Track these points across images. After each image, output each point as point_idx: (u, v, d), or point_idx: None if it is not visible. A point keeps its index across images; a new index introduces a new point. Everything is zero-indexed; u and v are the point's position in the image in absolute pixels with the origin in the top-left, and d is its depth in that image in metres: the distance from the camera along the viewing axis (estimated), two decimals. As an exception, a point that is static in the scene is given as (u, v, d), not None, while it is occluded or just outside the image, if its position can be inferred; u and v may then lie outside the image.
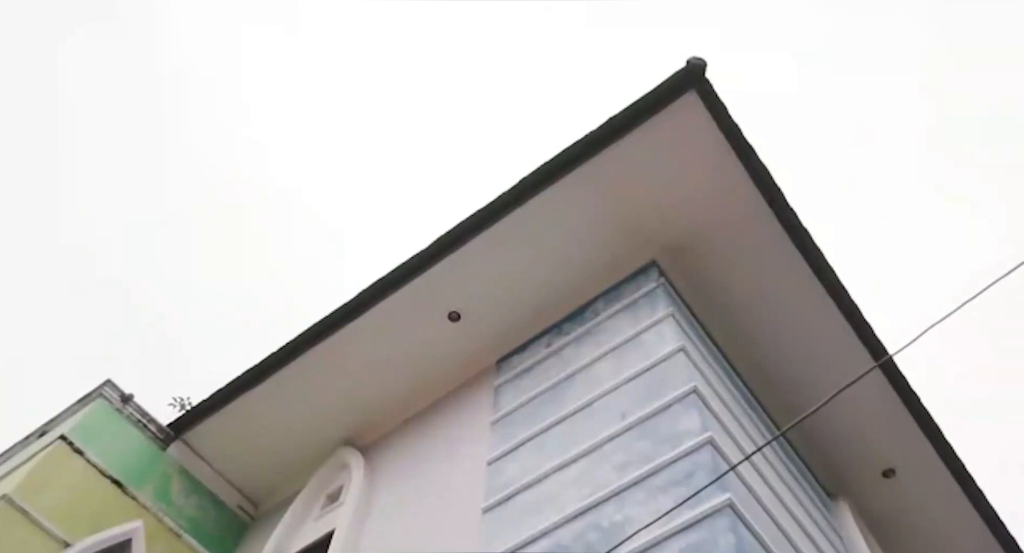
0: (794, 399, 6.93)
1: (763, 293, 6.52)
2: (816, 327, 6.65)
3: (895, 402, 6.93)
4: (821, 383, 6.87)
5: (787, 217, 6.27)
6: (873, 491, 7.37)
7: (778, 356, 6.75)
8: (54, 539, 5.81)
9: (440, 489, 5.66)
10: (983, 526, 7.52)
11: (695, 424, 4.44)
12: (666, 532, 3.88)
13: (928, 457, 7.21)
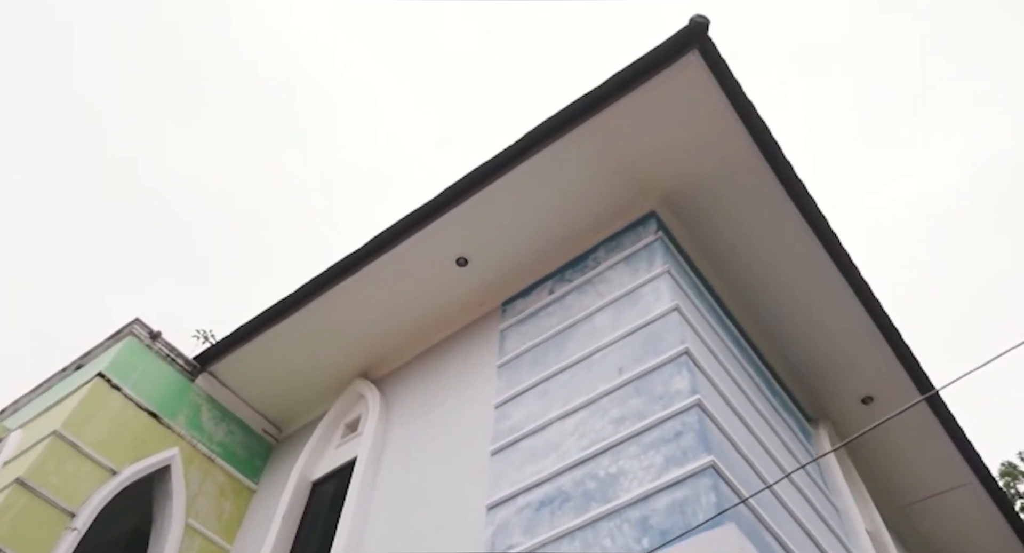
0: (787, 344, 7.40)
1: (759, 242, 6.82)
2: (807, 272, 6.99)
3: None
4: (811, 324, 7.32)
5: (783, 170, 6.48)
6: (852, 417, 7.94)
7: (772, 302, 7.13)
8: (103, 468, 6.40)
9: (451, 429, 6.17)
10: (954, 450, 8.16)
11: (685, 385, 4.87)
12: (655, 487, 4.38)
13: (904, 386, 7.72)
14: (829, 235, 6.86)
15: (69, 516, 5.97)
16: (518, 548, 4.65)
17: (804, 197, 6.66)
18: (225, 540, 6.95)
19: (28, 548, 5.60)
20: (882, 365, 7.58)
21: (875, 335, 7.40)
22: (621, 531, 4.29)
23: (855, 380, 7.71)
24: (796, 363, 7.61)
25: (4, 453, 6.56)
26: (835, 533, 5.90)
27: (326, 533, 6.32)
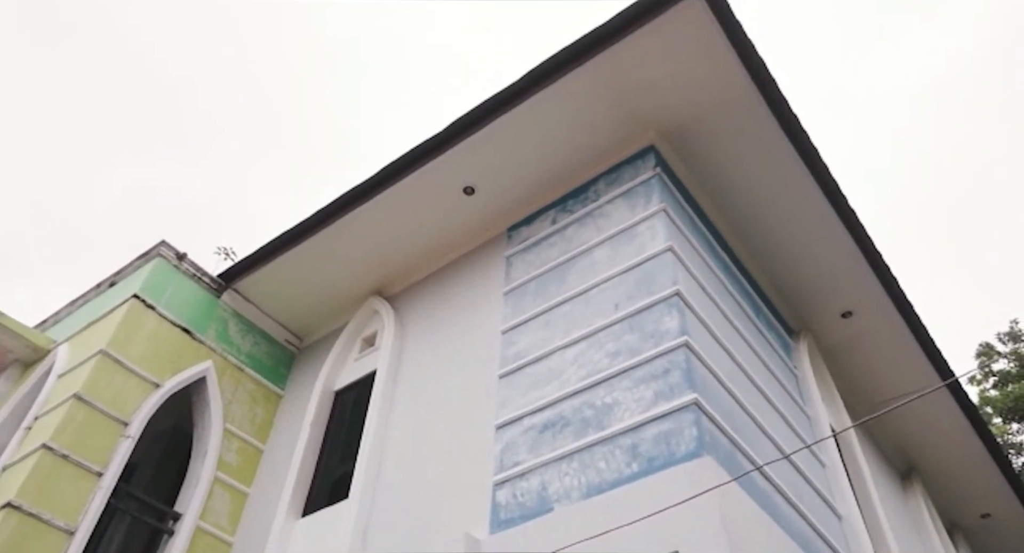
0: (775, 265, 7.89)
1: (753, 174, 7.18)
2: (798, 201, 7.38)
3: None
4: (798, 247, 7.79)
5: (779, 107, 6.74)
6: (832, 329, 8.58)
7: (763, 228, 7.56)
8: (147, 382, 7.06)
9: (462, 352, 6.77)
10: (926, 361, 8.85)
11: (674, 325, 5.40)
12: (644, 418, 5.00)
13: (882, 301, 8.30)
14: (820, 167, 7.20)
15: (123, 425, 6.69)
16: (523, 465, 5.34)
17: (798, 133, 6.94)
18: (259, 441, 7.73)
19: (91, 455, 6.34)
20: (862, 283, 8.11)
21: (857, 256, 7.88)
22: (613, 456, 4.96)
23: (836, 296, 8.27)
24: (782, 282, 8.14)
25: (57, 366, 7.20)
26: (806, 443, 6.63)
27: (350, 439, 7.08)
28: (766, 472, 5.31)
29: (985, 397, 22.10)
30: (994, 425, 21.73)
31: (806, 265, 8.00)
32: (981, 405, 21.78)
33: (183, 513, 6.76)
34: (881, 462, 9.39)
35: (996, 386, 22.62)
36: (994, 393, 22.14)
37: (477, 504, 5.36)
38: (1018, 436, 22.08)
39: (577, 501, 4.85)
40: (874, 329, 8.58)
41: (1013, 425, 21.87)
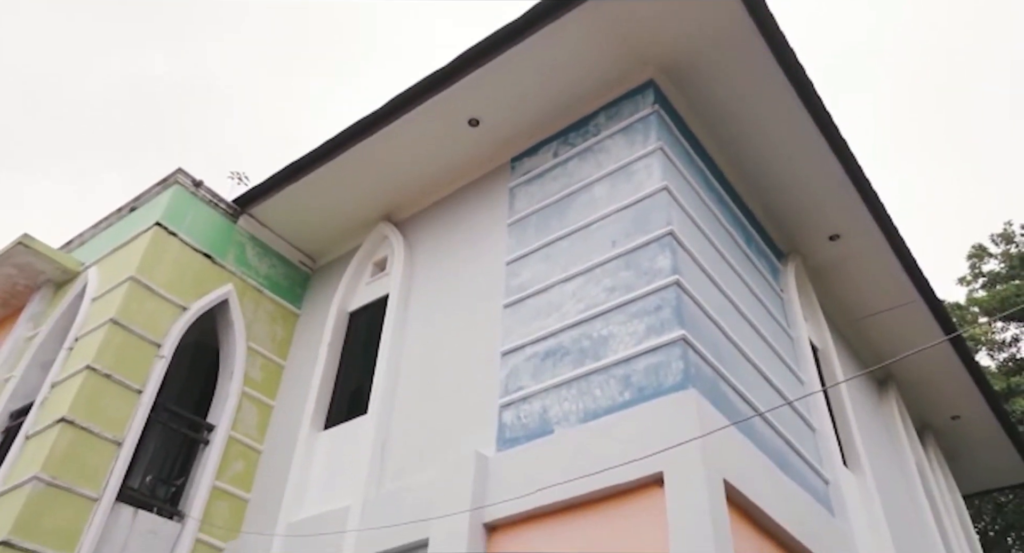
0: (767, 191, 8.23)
1: (749, 106, 7.41)
2: (792, 131, 7.64)
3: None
4: (789, 174, 8.10)
5: (775, 40, 6.89)
6: (819, 251, 9.02)
7: (758, 156, 7.85)
8: (175, 305, 7.57)
9: (469, 281, 7.22)
10: (907, 279, 9.34)
11: (667, 264, 5.83)
12: (637, 351, 5.52)
13: (868, 225, 8.69)
14: (814, 100, 7.42)
15: (156, 346, 7.24)
16: (526, 390, 5.91)
17: (794, 66, 7.12)
18: (280, 358, 8.33)
19: (131, 374, 6.92)
20: (850, 208, 8.48)
21: (846, 183, 8.22)
22: (608, 384, 5.51)
23: (825, 221, 8.66)
24: (774, 208, 8.50)
25: (89, 290, 7.69)
26: (788, 365, 7.21)
27: (365, 358, 7.65)
28: (746, 395, 5.89)
29: (973, 298, 22.81)
30: (979, 325, 22.55)
31: (797, 191, 8.33)
32: (968, 306, 22.51)
33: (216, 425, 7.43)
34: (859, 369, 10.04)
35: (985, 287, 23.29)
36: (982, 294, 22.83)
37: (485, 424, 5.97)
38: (1002, 333, 22.95)
39: (575, 425, 5.44)
40: (859, 251, 9.02)
41: (998, 324, 22.69)
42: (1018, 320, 22.08)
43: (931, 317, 9.95)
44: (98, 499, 6.26)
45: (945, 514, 10.32)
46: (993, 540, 18.98)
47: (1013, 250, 23.32)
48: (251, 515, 7.17)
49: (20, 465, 6.31)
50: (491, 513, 5.29)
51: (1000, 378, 19.88)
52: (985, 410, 11.55)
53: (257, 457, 7.59)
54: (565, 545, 4.91)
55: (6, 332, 8.51)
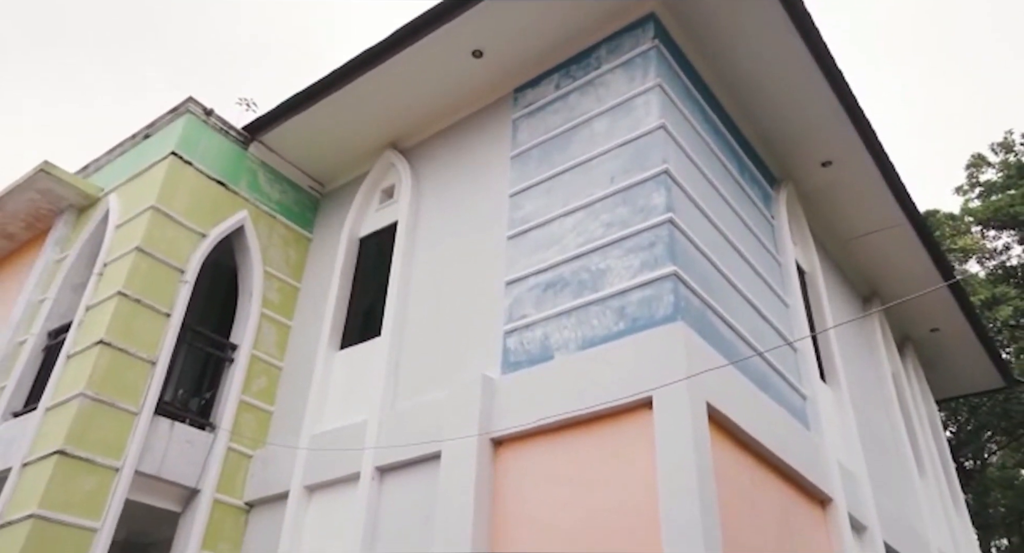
0: (763, 119, 8.47)
1: (748, 35, 7.54)
2: (788, 62, 7.82)
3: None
4: (785, 103, 8.32)
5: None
6: (811, 177, 9.35)
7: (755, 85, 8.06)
8: (194, 232, 7.96)
9: (474, 212, 7.57)
10: (894, 203, 9.69)
11: (661, 202, 6.19)
12: (631, 285, 5.97)
13: (859, 152, 8.98)
14: (811, 31, 7.57)
15: (180, 272, 7.69)
16: (529, 318, 6.40)
17: (796, 5, 7.24)
18: (295, 280, 8.79)
19: (159, 298, 7.39)
20: (842, 135, 8.75)
21: (839, 111, 8.45)
22: (604, 315, 5.99)
23: (818, 147, 8.95)
24: (769, 135, 8.76)
25: (112, 217, 8.07)
26: (775, 291, 7.67)
27: (377, 283, 8.11)
28: (732, 324, 6.38)
29: (967, 208, 23.15)
30: (971, 234, 22.98)
31: (792, 119, 8.58)
32: (962, 216, 22.87)
33: (239, 344, 7.97)
34: (845, 288, 10.56)
35: (981, 196, 23.56)
36: (977, 203, 23.16)
37: (490, 349, 6.49)
38: (993, 242, 23.43)
39: (573, 351, 5.96)
40: (850, 176, 9.34)
41: (990, 232, 23.12)
42: (1010, 229, 22.46)
43: (916, 238, 10.38)
44: (138, 413, 6.87)
45: (917, 421, 11.08)
46: (966, 439, 20.12)
47: (1012, 159, 23.41)
48: (276, 426, 7.83)
49: (65, 382, 6.88)
50: (497, 430, 5.88)
51: (987, 286, 20.47)
52: (963, 323, 12.16)
53: (278, 373, 8.17)
54: (564, 459, 5.52)
55: (35, 254, 8.94)
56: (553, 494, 5.45)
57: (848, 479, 7.37)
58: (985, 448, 20.83)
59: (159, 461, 6.89)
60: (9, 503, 6.28)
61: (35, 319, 8.13)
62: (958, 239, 22.28)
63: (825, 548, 6.62)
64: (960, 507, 11.92)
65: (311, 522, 6.82)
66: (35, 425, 6.72)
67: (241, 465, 7.47)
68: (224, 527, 7.10)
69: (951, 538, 10.42)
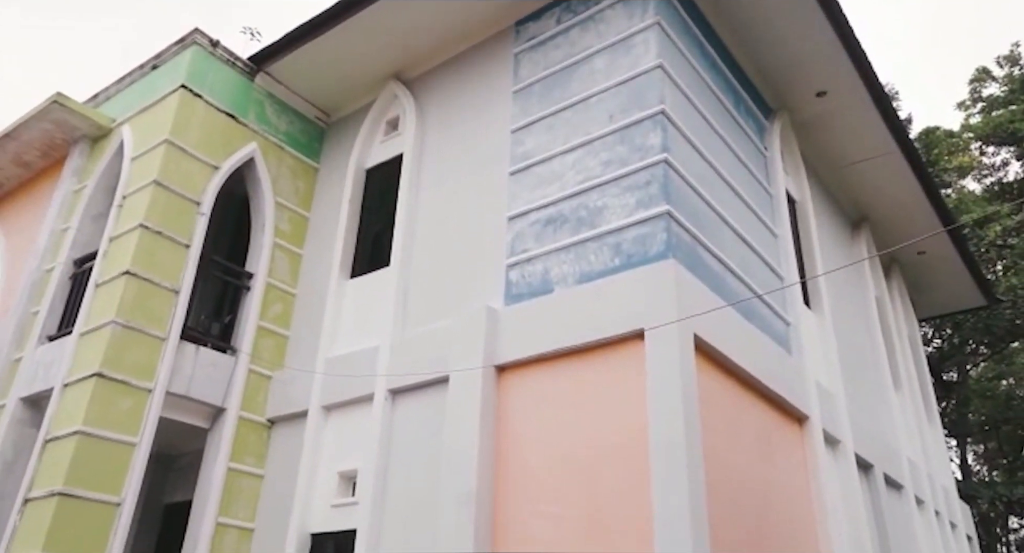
0: (761, 52, 8.60)
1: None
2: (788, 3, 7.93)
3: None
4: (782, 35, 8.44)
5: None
6: (806, 107, 9.56)
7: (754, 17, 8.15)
8: (207, 165, 8.25)
9: (477, 147, 7.83)
10: (887, 131, 9.92)
11: (657, 142, 6.48)
12: (627, 222, 6.33)
13: (853, 82, 9.16)
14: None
15: (196, 204, 8.03)
16: (530, 252, 6.80)
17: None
18: (304, 210, 9.14)
19: (178, 230, 7.75)
20: (837, 66, 8.91)
21: (835, 42, 8.59)
22: (601, 251, 6.39)
23: (813, 78, 9.12)
24: (765, 65, 8.92)
25: (127, 149, 8.34)
26: (765, 223, 8.04)
27: (384, 214, 8.46)
28: (720, 257, 6.79)
29: (967, 124, 23.17)
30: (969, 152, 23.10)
31: (788, 50, 8.72)
32: (962, 132, 22.93)
33: (255, 273, 8.40)
34: (834, 214, 10.91)
35: (983, 111, 23.53)
36: (978, 119, 23.16)
37: (494, 281, 6.92)
38: (992, 158, 23.59)
39: (572, 285, 6.39)
40: (844, 106, 9.55)
41: (990, 148, 23.24)
42: (1009, 145, 22.55)
43: (907, 166, 10.67)
44: (165, 338, 7.36)
45: (897, 340, 11.65)
46: (949, 353, 20.90)
47: (1017, 72, 23.20)
48: (292, 350, 8.35)
49: (96, 310, 7.33)
50: (501, 357, 6.38)
51: (980, 203, 20.77)
52: (948, 247, 12.58)
53: (292, 300, 8.64)
54: (562, 384, 6.04)
55: (52, 183, 9.24)
56: (552, 415, 6.00)
57: (825, 398, 7.95)
58: (968, 361, 21.63)
59: (187, 382, 7.44)
60: (55, 420, 6.86)
61: (60, 248, 8.52)
62: (954, 157, 22.42)
63: (801, 462, 7.26)
64: (933, 419, 12.68)
65: (329, 438, 7.43)
66: (71, 349, 7.22)
67: (262, 385, 8.03)
68: (249, 442, 7.72)
69: (922, 448, 11.17)
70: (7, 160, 9.60)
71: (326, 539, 6.97)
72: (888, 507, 8.76)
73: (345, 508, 6.91)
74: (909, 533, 9.31)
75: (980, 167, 23.37)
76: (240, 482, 7.51)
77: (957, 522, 11.49)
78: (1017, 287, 17.61)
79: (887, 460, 9.31)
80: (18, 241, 9.34)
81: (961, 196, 21.63)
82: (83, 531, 6.34)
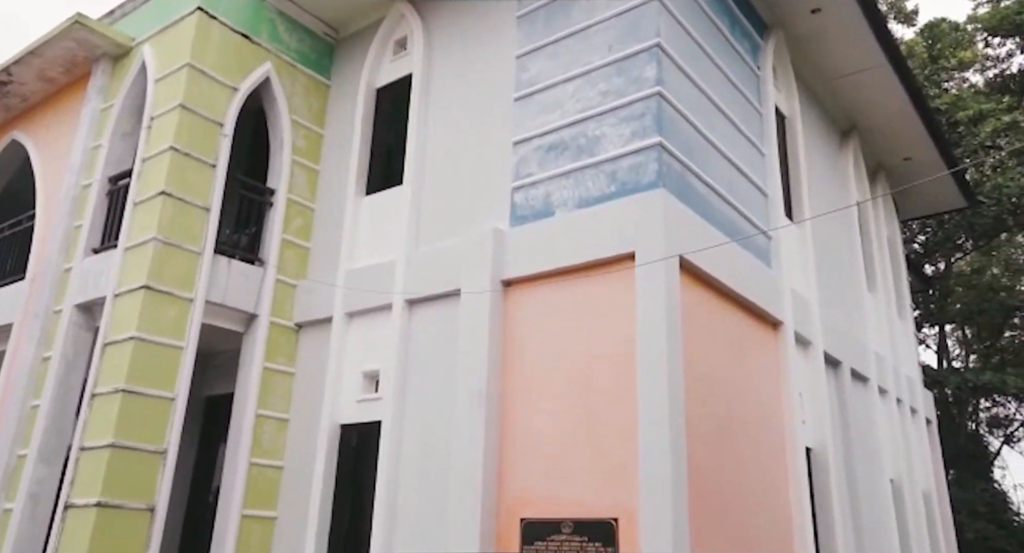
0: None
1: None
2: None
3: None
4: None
5: None
6: (801, 23, 9.87)
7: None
8: (226, 86, 8.70)
9: (483, 71, 8.25)
10: (878, 47, 10.26)
11: (652, 75, 6.97)
12: (623, 152, 6.93)
13: (848, 0, 9.47)
14: None
15: (219, 126, 8.56)
16: (534, 177, 7.42)
17: None
18: (318, 127, 9.64)
19: (204, 151, 8.32)
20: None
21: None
22: (598, 178, 7.02)
23: (808, -6, 9.40)
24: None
25: (150, 70, 8.77)
26: (754, 144, 8.58)
27: (394, 134, 8.98)
28: (709, 183, 7.42)
29: (974, 15, 22.99)
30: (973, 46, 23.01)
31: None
32: (968, 23, 22.80)
33: (276, 189, 9.03)
34: (824, 124, 11.39)
35: (991, 2, 23.28)
36: (985, 10, 22.97)
37: (500, 203, 7.57)
38: (998, 49, 23.53)
39: (571, 209, 7.06)
40: (838, 22, 9.85)
41: (995, 39, 23.15)
42: (1015, 37, 22.45)
43: (897, 79, 11.05)
44: (200, 253, 8.10)
45: (876, 242, 12.36)
46: (933, 249, 21.72)
47: (1030, -41, 22.76)
48: (314, 261, 9.10)
49: (136, 227, 8.03)
50: (507, 274, 7.15)
51: (977, 99, 20.96)
52: (933, 152, 13.10)
53: (311, 214, 9.30)
54: (562, 298, 6.84)
55: (77, 100, 9.71)
56: (552, 326, 6.83)
57: (799, 304, 8.77)
58: (952, 255, 22.48)
59: (223, 291, 8.24)
60: (111, 327, 7.71)
61: (94, 165, 9.10)
62: (958, 51, 22.37)
63: (773, 362, 8.17)
64: (905, 314, 13.61)
65: (352, 341, 8.31)
66: (117, 263, 7.98)
67: (288, 293, 8.84)
68: (280, 344, 8.62)
69: (890, 342, 12.12)
70: (32, 75, 10.01)
71: (354, 429, 7.99)
72: (851, 398, 9.78)
73: (370, 403, 7.89)
74: (870, 419, 10.39)
75: (984, 59, 23.33)
76: (274, 379, 8.47)
77: (918, 408, 12.62)
78: (1003, 185, 18.19)
79: (855, 356, 10.26)
80: (50, 156, 9.90)
81: (960, 91, 21.79)
82: (145, 421, 7.32)
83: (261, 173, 9.26)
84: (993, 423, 23.23)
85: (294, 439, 8.36)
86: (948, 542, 12.28)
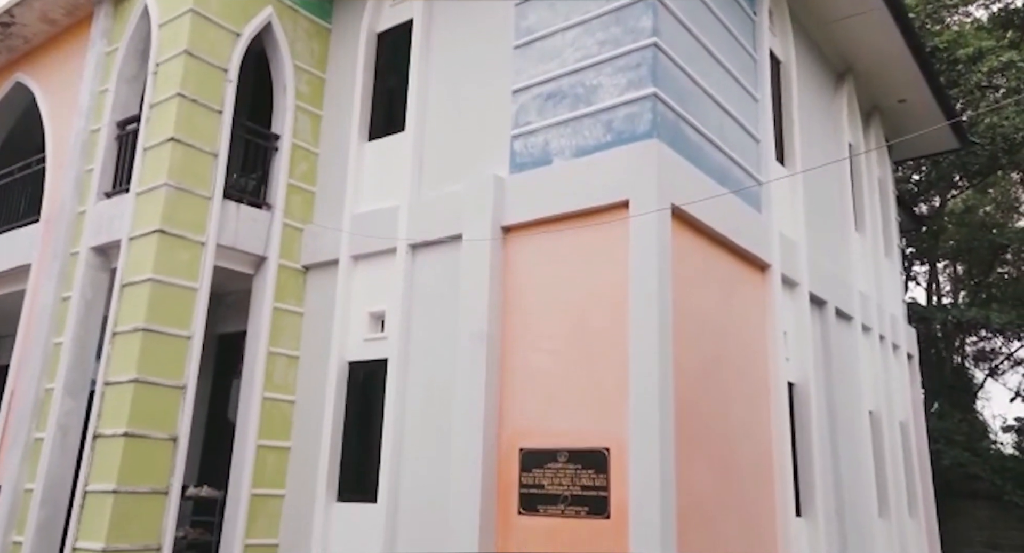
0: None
1: None
2: None
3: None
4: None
5: None
6: (799, -32, 9.91)
7: None
8: (230, 32, 8.82)
9: (483, 17, 8.38)
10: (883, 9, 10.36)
11: (648, 25, 7.14)
12: (618, 102, 7.16)
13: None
14: None
15: (223, 71, 8.72)
16: (533, 125, 7.66)
17: None
18: (320, 71, 9.77)
19: (211, 97, 8.52)
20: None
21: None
22: (595, 128, 7.27)
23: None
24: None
25: (153, 15, 8.86)
26: (748, 91, 8.77)
27: (396, 80, 9.13)
28: (703, 131, 7.66)
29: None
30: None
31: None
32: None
33: (280, 134, 9.24)
34: (819, 67, 11.53)
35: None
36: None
37: (500, 150, 7.83)
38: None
39: (569, 158, 7.34)
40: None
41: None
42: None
43: (892, 21, 11.14)
44: (210, 198, 8.39)
45: (867, 184, 12.63)
46: (926, 188, 21.97)
47: None
48: (319, 205, 9.38)
49: (147, 172, 8.29)
50: (507, 219, 7.47)
51: (978, 36, 20.84)
52: (927, 95, 13.24)
53: (316, 159, 9.54)
54: (559, 243, 7.18)
55: (82, 42, 9.82)
56: (550, 270, 7.20)
57: (787, 247, 9.12)
58: (946, 193, 22.74)
59: (233, 235, 8.57)
60: (127, 269, 8.07)
61: (101, 109, 9.28)
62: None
63: (760, 303, 8.57)
64: (892, 254, 13.98)
65: (358, 283, 8.68)
66: (131, 207, 8.28)
67: (295, 237, 9.17)
68: (288, 285, 9.00)
69: (876, 282, 12.53)
70: (34, 17, 10.09)
71: (362, 366, 8.44)
72: (835, 335, 10.23)
73: (376, 342, 8.32)
74: (852, 355, 10.87)
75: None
76: (284, 319, 8.88)
77: (900, 344, 13.13)
78: (996, 125, 18.31)
79: (840, 296, 10.67)
80: (57, 100, 10.07)
81: (961, 30, 21.63)
82: (165, 358, 7.75)
83: (264, 118, 9.45)
84: (979, 357, 23.92)
85: (305, 375, 8.82)
86: (923, 468, 12.97)
